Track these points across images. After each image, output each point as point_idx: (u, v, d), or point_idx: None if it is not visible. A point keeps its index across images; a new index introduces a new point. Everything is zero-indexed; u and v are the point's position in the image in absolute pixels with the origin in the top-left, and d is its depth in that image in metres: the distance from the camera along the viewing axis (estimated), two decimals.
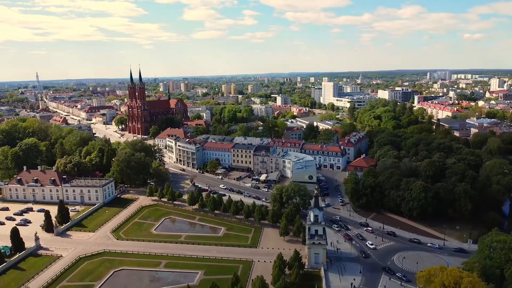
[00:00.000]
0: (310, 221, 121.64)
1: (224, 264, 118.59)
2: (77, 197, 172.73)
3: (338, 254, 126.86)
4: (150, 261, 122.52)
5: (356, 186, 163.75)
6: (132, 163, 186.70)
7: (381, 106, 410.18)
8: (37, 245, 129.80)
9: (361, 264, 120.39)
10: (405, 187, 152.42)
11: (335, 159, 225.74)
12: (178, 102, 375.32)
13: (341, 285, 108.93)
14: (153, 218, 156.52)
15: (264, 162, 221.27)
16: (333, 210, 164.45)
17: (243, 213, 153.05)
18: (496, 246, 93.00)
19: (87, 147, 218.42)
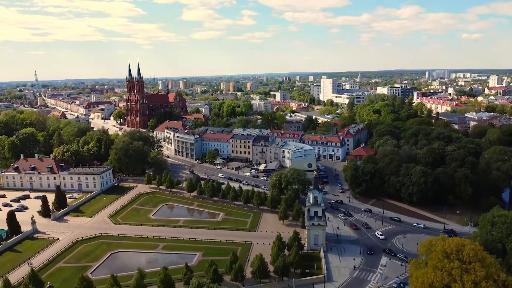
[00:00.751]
0: (310, 202, 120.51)
1: (223, 246, 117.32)
2: (75, 185, 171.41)
3: (338, 237, 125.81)
4: (147, 243, 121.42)
5: (355, 172, 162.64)
6: (130, 151, 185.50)
7: (380, 101, 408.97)
8: (33, 229, 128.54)
9: (360, 246, 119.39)
10: (405, 172, 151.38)
11: (334, 149, 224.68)
12: (176, 96, 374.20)
13: (341, 265, 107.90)
14: (151, 205, 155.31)
15: (263, 152, 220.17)
16: (333, 197, 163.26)
17: (242, 199, 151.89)
18: (497, 220, 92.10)
19: (85, 137, 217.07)
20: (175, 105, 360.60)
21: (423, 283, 64.72)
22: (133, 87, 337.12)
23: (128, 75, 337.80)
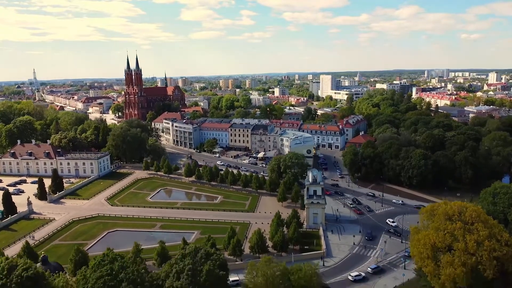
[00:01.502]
0: (309, 181, 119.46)
1: (221, 226, 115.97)
2: (72, 170, 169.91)
3: (338, 217, 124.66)
4: (145, 223, 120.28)
5: (354, 157, 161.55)
6: (128, 138, 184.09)
7: (379, 95, 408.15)
8: (29, 210, 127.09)
9: (360, 225, 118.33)
10: (405, 155, 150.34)
11: (334, 138, 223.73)
12: (175, 89, 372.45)
13: (341, 243, 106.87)
14: (149, 189, 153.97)
15: (262, 141, 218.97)
16: (332, 182, 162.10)
17: (240, 183, 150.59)
18: (499, 191, 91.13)
19: (83, 125, 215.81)
20: (173, 98, 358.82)
21: (425, 244, 63.58)
22: (131, 80, 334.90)
23: (127, 68, 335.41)
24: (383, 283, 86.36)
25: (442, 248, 62.73)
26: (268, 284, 66.96)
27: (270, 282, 66.81)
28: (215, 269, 62.96)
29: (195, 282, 60.78)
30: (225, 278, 65.51)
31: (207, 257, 65.33)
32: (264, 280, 67.03)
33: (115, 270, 60.06)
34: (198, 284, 60.79)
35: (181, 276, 61.58)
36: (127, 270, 59.74)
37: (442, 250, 62.89)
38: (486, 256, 58.89)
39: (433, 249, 63.13)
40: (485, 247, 59.48)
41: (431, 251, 62.93)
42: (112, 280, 58.41)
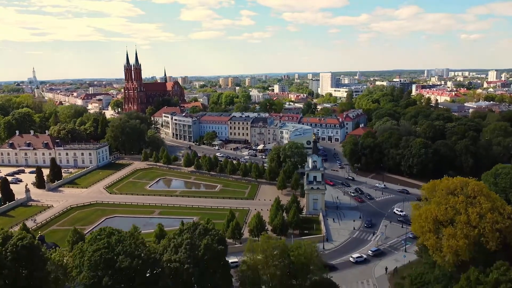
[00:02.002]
0: (309, 167, 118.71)
1: (220, 212, 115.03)
2: (70, 161, 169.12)
3: (338, 204, 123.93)
4: (143, 210, 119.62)
5: (354, 147, 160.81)
6: (127, 129, 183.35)
7: (379, 91, 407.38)
8: (27, 197, 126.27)
9: (360, 211, 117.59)
10: (405, 144, 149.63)
11: (334, 131, 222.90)
12: (175, 85, 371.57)
13: (341, 228, 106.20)
14: (148, 178, 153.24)
15: (262, 134, 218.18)
16: (332, 172, 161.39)
17: (240, 172, 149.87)
18: (501, 172, 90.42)
19: (82, 118, 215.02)
20: (173, 93, 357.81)
21: (426, 218, 62.78)
22: (131, 75, 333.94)
23: (126, 63, 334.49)
24: (384, 264, 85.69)
25: (444, 222, 61.98)
26: (268, 260, 66.10)
27: (269, 258, 65.95)
28: (213, 244, 62.12)
29: (193, 256, 59.95)
30: (224, 253, 64.60)
31: (206, 232, 64.51)
32: (263, 257, 66.16)
33: (112, 244, 59.23)
34: (196, 258, 59.95)
35: (179, 250, 60.76)
36: (124, 243, 58.91)
37: (444, 224, 62.15)
38: (489, 228, 58.16)
39: (434, 222, 62.39)
40: (488, 219, 58.74)
41: (433, 225, 62.20)
42: (109, 253, 57.56)
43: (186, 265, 58.32)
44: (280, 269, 66.69)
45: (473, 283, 54.06)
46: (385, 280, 79.71)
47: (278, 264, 66.07)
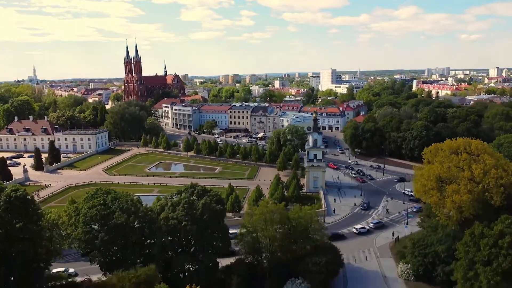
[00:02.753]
0: (309, 145, 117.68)
1: (219, 190, 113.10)
2: (69, 146, 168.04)
3: (339, 183, 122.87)
4: (142, 189, 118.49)
5: (355, 131, 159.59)
6: (126, 115, 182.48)
7: (379, 85, 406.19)
8: (25, 177, 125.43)
9: (361, 190, 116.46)
10: (406, 127, 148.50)
11: (334, 120, 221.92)
12: (174, 78, 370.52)
13: (341, 204, 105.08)
14: (147, 162, 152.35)
15: (262, 123, 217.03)
16: (332, 157, 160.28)
17: (240, 156, 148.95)
18: (503, 141, 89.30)
19: (81, 106, 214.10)
20: (173, 86, 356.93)
21: (429, 176, 61.57)
22: (131, 68, 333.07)
23: (126, 56, 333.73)
24: (385, 235, 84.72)
25: (447, 179, 60.76)
26: (267, 224, 64.94)
27: (268, 221, 64.80)
28: (212, 203, 61.00)
29: (191, 214, 58.79)
30: (222, 213, 63.47)
31: (204, 193, 63.46)
32: (262, 220, 65.02)
33: (108, 201, 58.23)
34: (194, 216, 58.79)
35: (177, 208, 59.61)
36: (120, 200, 57.90)
37: (447, 181, 60.91)
38: (493, 183, 56.95)
39: (437, 181, 61.17)
40: (492, 175, 57.55)
41: (436, 183, 60.99)
42: (104, 209, 56.58)
43: (183, 223, 57.18)
44: (280, 233, 65.57)
45: (477, 237, 52.93)
46: (386, 249, 78.62)
47: (278, 227, 64.94)
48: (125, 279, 50.06)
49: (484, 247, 51.00)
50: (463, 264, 54.93)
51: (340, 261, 65.76)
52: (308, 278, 62.93)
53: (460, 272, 55.16)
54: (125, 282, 49.77)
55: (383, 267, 71.51)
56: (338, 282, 66.73)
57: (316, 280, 61.87)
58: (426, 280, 64.73)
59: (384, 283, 66.41)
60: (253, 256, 67.09)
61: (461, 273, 54.86)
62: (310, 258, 63.83)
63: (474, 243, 53.18)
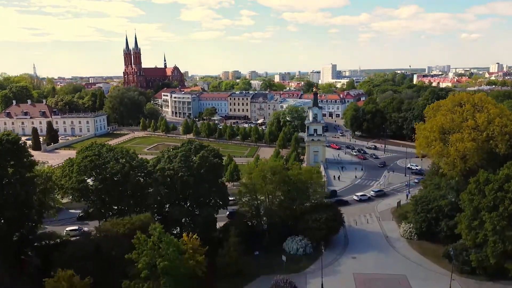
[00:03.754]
0: (309, 120, 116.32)
1: None
2: (68, 129, 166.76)
3: (339, 160, 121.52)
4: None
5: (356, 113, 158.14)
6: (125, 100, 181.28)
7: (380, 78, 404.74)
8: None
9: (362, 165, 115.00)
10: (407, 107, 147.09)
11: (334, 107, 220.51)
12: (174, 70, 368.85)
13: (342, 176, 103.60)
14: (146, 144, 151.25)
15: (262, 109, 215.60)
16: (332, 139, 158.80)
17: (240, 136, 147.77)
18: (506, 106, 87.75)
19: (80, 93, 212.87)
20: (172, 78, 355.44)
21: (431, 128, 60.00)
22: (130, 59, 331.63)
23: (125, 47, 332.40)
24: (387, 202, 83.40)
25: (450, 129, 59.15)
26: (266, 181, 63.58)
27: (268, 178, 63.47)
28: (209, 157, 59.61)
29: (188, 166, 57.36)
30: (220, 166, 62.07)
31: (201, 148, 62.07)
32: (261, 177, 63.66)
33: (102, 153, 56.87)
34: (191, 168, 57.36)
35: (174, 160, 58.21)
36: (115, 150, 56.51)
37: (450, 132, 59.32)
38: (498, 131, 55.46)
39: (440, 132, 59.59)
40: (497, 123, 56.03)
41: (439, 134, 59.42)
42: (99, 159, 55.19)
43: (180, 173, 55.73)
44: (279, 189, 64.23)
45: (482, 184, 51.40)
46: (388, 214, 77.18)
47: (277, 183, 63.50)
48: (119, 225, 48.70)
49: (489, 192, 49.48)
50: (467, 214, 53.44)
51: (340, 219, 64.30)
52: (308, 235, 61.62)
53: (464, 222, 53.67)
54: (119, 227, 48.40)
55: (384, 229, 70.09)
56: (338, 241, 65.31)
57: (316, 236, 60.52)
58: (429, 238, 63.30)
59: (386, 242, 64.98)
60: (252, 215, 65.75)
61: (465, 223, 53.39)
62: (310, 215, 62.52)
63: (479, 191, 51.67)
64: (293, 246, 60.89)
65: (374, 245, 63.61)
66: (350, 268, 56.55)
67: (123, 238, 47.45)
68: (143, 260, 42.77)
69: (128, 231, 47.61)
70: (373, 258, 59.39)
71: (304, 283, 52.41)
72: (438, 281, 52.35)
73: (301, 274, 54.61)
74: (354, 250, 62.31)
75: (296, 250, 60.54)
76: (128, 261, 44.97)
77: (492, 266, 51.39)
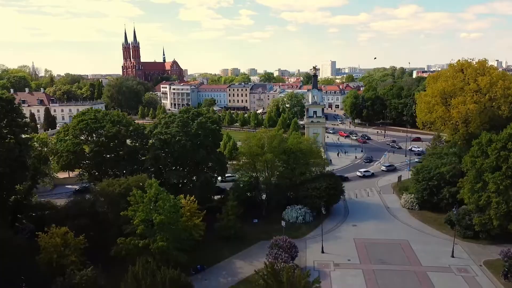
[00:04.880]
0: (308, 102, 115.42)
1: None
2: (66, 117, 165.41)
3: (339, 143, 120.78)
4: None
5: (355, 100, 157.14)
6: (123, 88, 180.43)
7: (379, 72, 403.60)
8: None
9: (362, 147, 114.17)
10: (408, 93, 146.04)
11: (334, 98, 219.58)
12: (173, 64, 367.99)
13: (342, 157, 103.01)
14: None
15: (261, 100, 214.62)
16: (332, 126, 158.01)
17: (239, 122, 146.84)
18: None
19: (78, 83, 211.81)
20: (171, 72, 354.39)
21: (432, 93, 59.02)
22: (129, 53, 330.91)
23: (124, 41, 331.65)
24: (388, 178, 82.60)
25: (452, 93, 58.13)
26: (264, 148, 62.63)
27: (268, 142, 62.56)
28: (207, 122, 58.60)
29: (185, 132, 56.31)
30: (218, 133, 60.97)
31: (199, 115, 61.04)
32: (260, 144, 62.74)
33: (98, 117, 55.86)
34: (188, 134, 56.29)
35: (171, 126, 57.21)
36: (111, 114, 55.48)
37: (452, 96, 58.29)
38: (501, 93, 54.54)
39: (442, 96, 58.58)
40: (499, 85, 55.12)
41: (440, 98, 58.42)
42: (95, 122, 54.16)
43: (177, 137, 54.67)
44: (279, 158, 63.27)
45: (484, 145, 50.43)
46: (389, 188, 76.26)
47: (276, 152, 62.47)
48: (115, 185, 47.63)
49: (492, 152, 48.50)
50: (470, 177, 52.53)
51: (341, 188, 63.35)
52: (308, 204, 60.64)
53: (467, 186, 52.77)
54: (115, 187, 47.34)
55: (385, 201, 69.17)
56: (339, 211, 64.38)
57: (316, 205, 59.46)
58: (430, 208, 62.41)
59: (387, 212, 64.07)
60: (251, 185, 64.70)
61: (468, 187, 52.48)
62: (310, 184, 61.56)
63: (482, 152, 50.72)
64: (292, 214, 59.90)
65: (375, 215, 62.70)
66: (351, 234, 55.66)
67: (118, 197, 46.42)
68: (139, 216, 41.76)
69: (124, 191, 46.57)
70: (374, 225, 58.46)
71: (304, 247, 51.46)
72: (441, 245, 51.41)
73: (301, 240, 53.64)
74: (354, 219, 61.38)
75: (296, 219, 59.57)
76: (124, 220, 44.08)
77: (496, 229, 50.51)
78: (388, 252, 50.08)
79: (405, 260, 48.18)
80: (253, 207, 62.04)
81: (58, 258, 41.01)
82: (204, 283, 43.83)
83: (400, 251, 50.31)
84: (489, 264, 46.37)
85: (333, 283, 43.02)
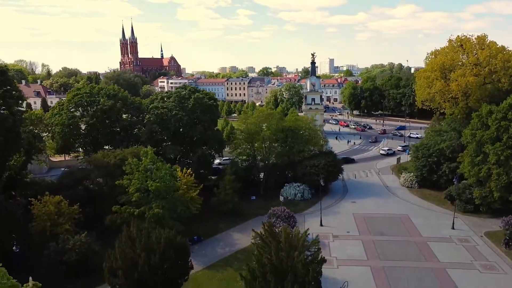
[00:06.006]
0: (307, 89, 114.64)
1: None
2: None
3: (337, 132, 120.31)
4: None
5: (354, 91, 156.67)
6: (121, 81, 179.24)
7: (377, 69, 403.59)
8: None
9: (360, 135, 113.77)
10: (406, 83, 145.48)
11: (332, 91, 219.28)
12: (171, 60, 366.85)
13: (340, 144, 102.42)
14: None
15: (259, 93, 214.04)
16: (330, 117, 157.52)
17: (236, 113, 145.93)
18: None
19: (76, 77, 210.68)
20: (169, 68, 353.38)
21: (432, 68, 58.43)
22: (127, 49, 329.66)
23: (122, 37, 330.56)
24: (386, 161, 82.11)
25: (451, 67, 57.55)
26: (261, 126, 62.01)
27: (264, 122, 61.94)
28: (204, 98, 57.88)
29: (182, 107, 55.56)
30: (215, 110, 60.29)
31: (196, 91, 60.33)
32: (255, 120, 62.13)
33: (94, 91, 55.05)
34: (185, 109, 55.56)
35: (167, 100, 56.48)
36: (107, 88, 54.67)
37: (451, 70, 57.71)
38: (501, 65, 54.02)
39: (441, 70, 57.97)
40: (499, 58, 54.59)
41: (440, 72, 57.82)
42: (90, 96, 53.37)
43: (174, 111, 53.91)
44: (276, 135, 62.57)
45: (484, 117, 49.86)
46: (388, 170, 75.68)
47: (274, 129, 61.82)
48: (110, 156, 46.86)
49: (492, 123, 47.94)
50: (470, 150, 51.95)
51: (339, 166, 62.72)
52: (306, 181, 60.01)
53: (467, 159, 52.18)
54: (110, 158, 46.57)
55: (385, 181, 68.60)
56: (337, 189, 63.78)
57: (315, 182, 58.75)
58: (430, 186, 61.85)
59: (386, 190, 63.51)
60: (248, 164, 64.08)
61: (468, 160, 51.89)
62: (309, 161, 60.93)
63: (482, 124, 50.16)
64: (291, 192, 59.30)
65: (374, 193, 62.13)
66: (350, 209, 55.08)
67: (114, 169, 45.69)
68: (134, 184, 40.99)
69: (119, 162, 45.82)
70: (373, 201, 57.92)
71: (303, 221, 50.81)
72: (441, 219, 50.87)
73: (300, 215, 52.93)
74: (353, 196, 60.81)
75: (294, 196, 58.98)
76: (119, 191, 43.30)
77: (496, 202, 49.95)
78: (387, 225, 49.55)
79: (405, 232, 47.63)
80: (251, 185, 61.44)
81: (51, 226, 40.27)
82: (201, 253, 43.12)
83: (400, 224, 49.75)
84: (490, 235, 45.87)
85: (332, 252, 42.39)
